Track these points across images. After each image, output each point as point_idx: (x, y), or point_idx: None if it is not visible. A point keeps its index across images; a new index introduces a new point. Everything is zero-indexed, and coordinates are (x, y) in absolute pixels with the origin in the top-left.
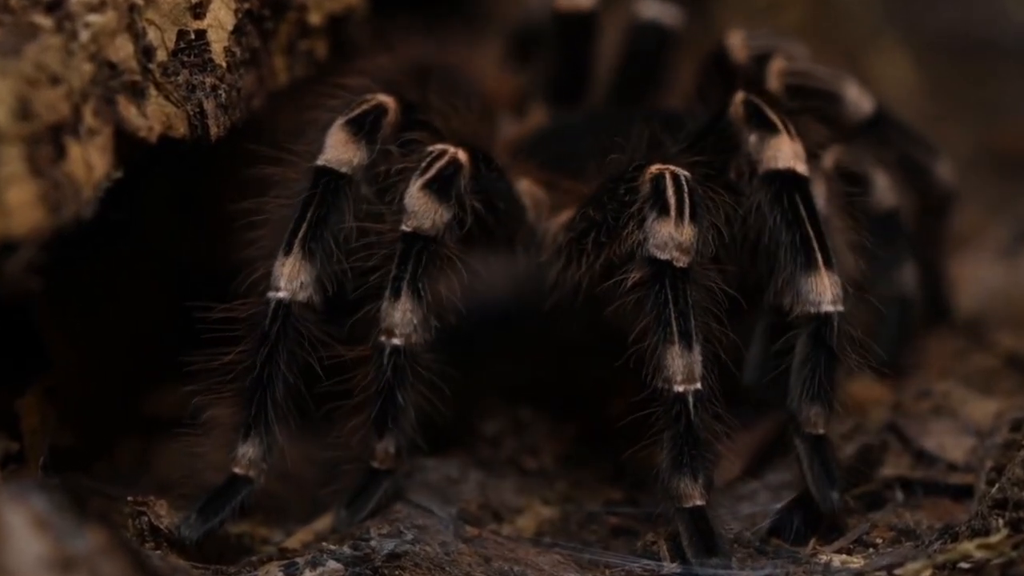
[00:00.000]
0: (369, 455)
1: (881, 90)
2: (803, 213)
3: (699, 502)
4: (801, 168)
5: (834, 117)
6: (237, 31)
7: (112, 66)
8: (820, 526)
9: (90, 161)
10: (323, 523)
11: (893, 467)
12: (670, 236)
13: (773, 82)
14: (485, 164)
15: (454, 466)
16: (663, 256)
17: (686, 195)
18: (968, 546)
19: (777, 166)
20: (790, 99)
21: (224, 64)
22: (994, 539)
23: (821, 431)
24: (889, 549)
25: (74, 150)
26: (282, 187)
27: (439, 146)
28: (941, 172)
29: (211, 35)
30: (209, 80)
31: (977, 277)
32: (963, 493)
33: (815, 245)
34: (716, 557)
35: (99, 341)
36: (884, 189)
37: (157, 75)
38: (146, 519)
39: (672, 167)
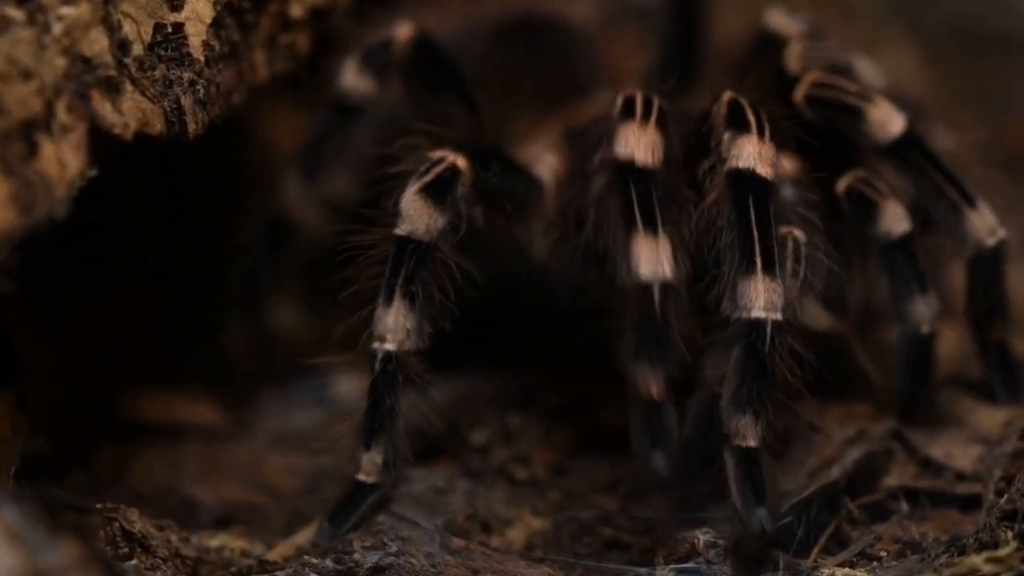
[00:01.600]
0: (355, 467)
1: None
2: (752, 215)
3: (753, 443)
4: (762, 170)
5: (856, 135)
6: (216, 24)
7: (86, 60)
8: (823, 535)
9: (63, 159)
10: (305, 536)
11: (898, 476)
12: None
13: (800, 92)
14: (492, 163)
15: (441, 476)
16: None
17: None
18: (976, 560)
19: (738, 165)
20: (813, 111)
21: (202, 58)
22: (1003, 552)
23: (751, 444)
24: (894, 562)
25: (47, 147)
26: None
27: (438, 152)
28: (973, 221)
29: (189, 28)
30: (187, 75)
31: None
32: (971, 504)
33: (756, 248)
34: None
35: (74, 345)
36: (896, 217)
37: (133, 70)
38: (118, 525)
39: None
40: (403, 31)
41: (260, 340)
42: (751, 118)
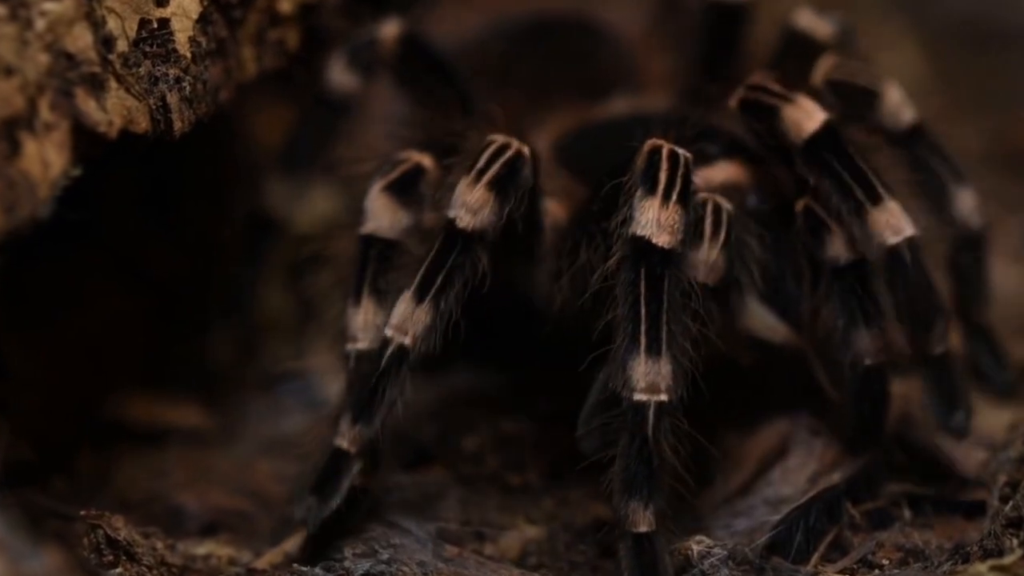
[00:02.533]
0: (337, 434)
1: None
2: (641, 289)
3: (644, 529)
4: (660, 240)
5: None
6: (203, 20)
7: (70, 57)
8: (824, 542)
9: (46, 158)
10: (293, 543)
11: (901, 482)
12: None
13: (819, 78)
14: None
15: (433, 482)
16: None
17: None
18: (980, 568)
19: (635, 231)
20: (833, 96)
21: (189, 55)
22: (1008, 560)
23: (642, 529)
24: (896, 571)
25: (29, 146)
26: None
27: (405, 152)
28: (961, 204)
29: (175, 24)
30: (173, 72)
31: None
32: (975, 510)
33: (642, 327)
34: None
35: (57, 348)
36: (845, 243)
37: (118, 66)
38: (102, 532)
39: None
40: (390, 29)
41: (245, 343)
42: (662, 176)
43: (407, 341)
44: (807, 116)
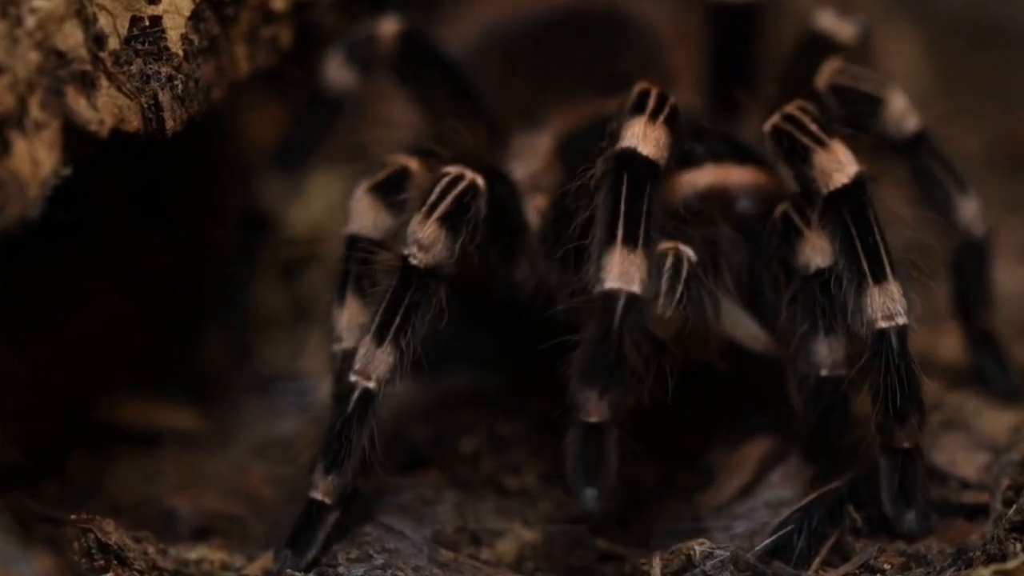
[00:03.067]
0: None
1: None
2: (623, 189)
3: (596, 419)
4: (645, 150)
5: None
6: (195, 17)
7: (60, 55)
8: (825, 546)
9: (36, 157)
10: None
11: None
12: None
13: (822, 81)
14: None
15: (429, 485)
16: None
17: None
18: (983, 572)
19: (620, 145)
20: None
21: (181, 53)
22: (1011, 565)
23: (593, 419)
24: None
25: (19, 145)
26: None
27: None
28: (964, 212)
29: (167, 21)
30: (165, 70)
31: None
32: (977, 514)
33: (620, 221)
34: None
35: (47, 350)
36: (817, 250)
37: (109, 64)
38: (93, 536)
39: None
40: (389, 26)
41: (239, 343)
42: (651, 103)
43: (372, 385)
44: (839, 168)
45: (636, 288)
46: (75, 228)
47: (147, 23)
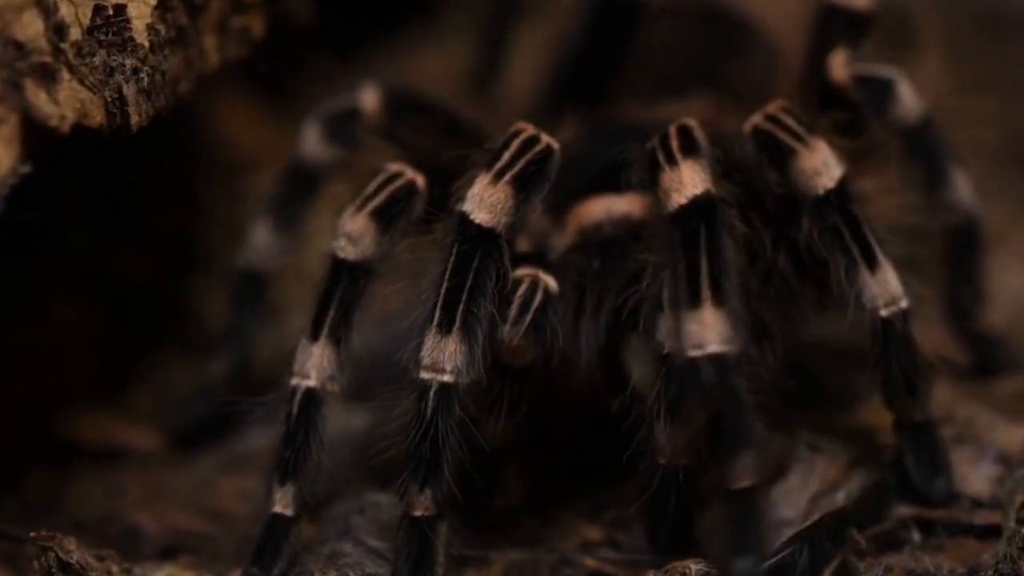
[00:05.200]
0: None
1: None
2: (450, 263)
3: (419, 512)
4: (478, 217)
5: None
6: (161, 6)
7: (19, 46)
8: (829, 568)
9: None
10: None
11: (909, 504)
12: None
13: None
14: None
15: None
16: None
17: None
18: None
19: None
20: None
21: (147, 44)
22: None
23: (416, 512)
24: None
25: None
26: None
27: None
28: (959, 186)
29: (132, 11)
30: (129, 62)
31: (1005, 285)
32: (989, 533)
33: (440, 301)
34: None
35: (5, 359)
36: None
37: (70, 56)
38: (54, 555)
39: None
40: (369, 98)
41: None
42: (506, 155)
43: (313, 384)
44: (824, 169)
45: (448, 378)
46: (34, 230)
47: (111, 12)
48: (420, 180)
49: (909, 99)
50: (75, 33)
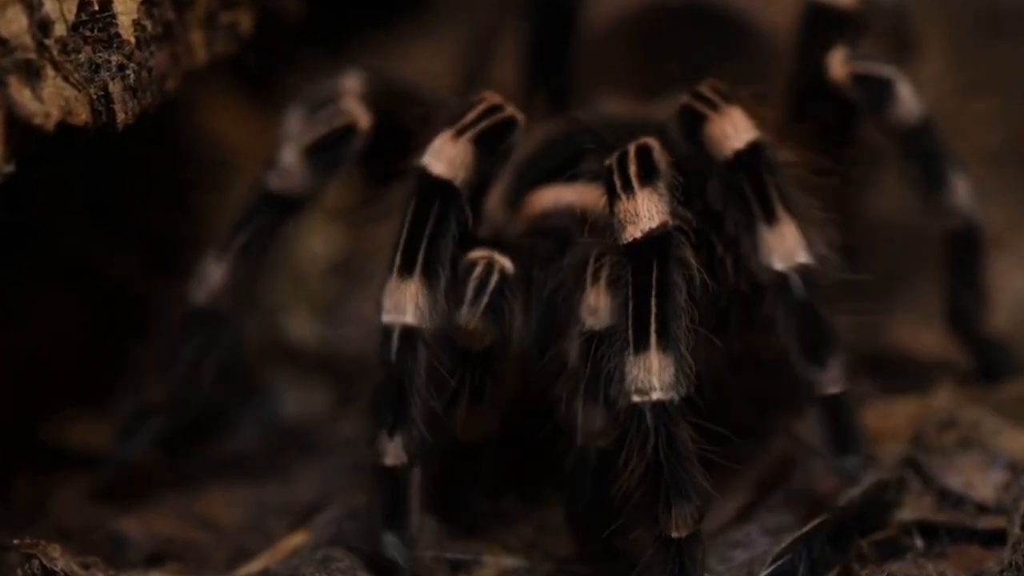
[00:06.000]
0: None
1: None
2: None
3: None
4: (437, 169)
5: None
6: (148, 2)
7: (2, 42)
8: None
9: None
10: (249, 571)
11: (912, 509)
12: None
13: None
14: None
15: None
16: None
17: None
18: None
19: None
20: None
21: (133, 40)
22: None
23: (387, 461)
24: None
25: None
26: None
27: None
28: (959, 189)
29: (118, 6)
30: (115, 58)
31: (1009, 287)
32: (994, 539)
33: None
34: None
35: None
36: (591, 310)
37: (55, 52)
38: (38, 562)
39: None
40: (352, 84)
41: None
42: (471, 115)
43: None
44: (733, 133)
45: (410, 319)
46: (19, 230)
47: (96, 8)
48: (364, 121)
49: (908, 99)
50: (60, 29)
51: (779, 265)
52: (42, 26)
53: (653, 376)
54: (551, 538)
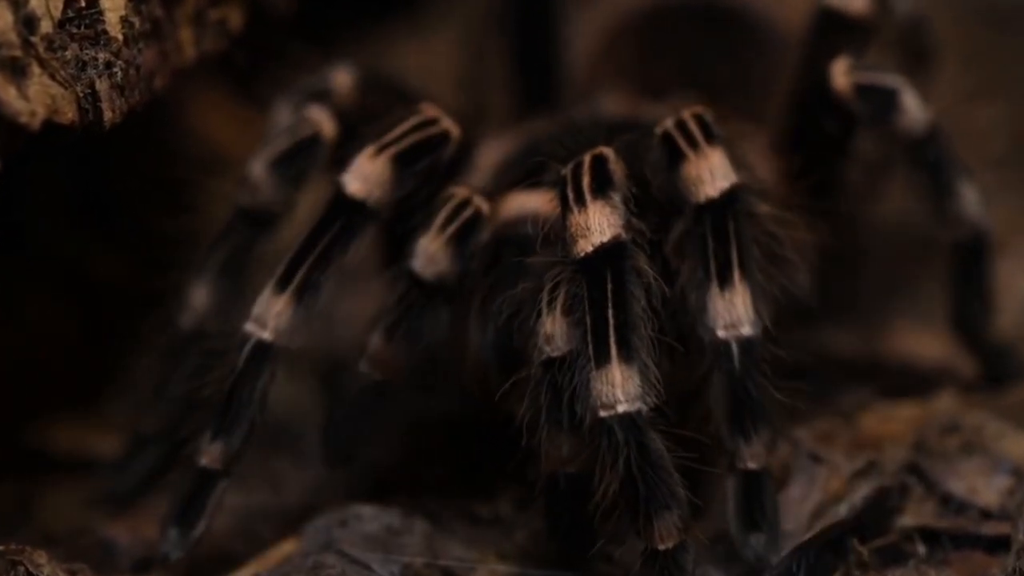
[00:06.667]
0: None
1: None
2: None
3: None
4: (353, 187)
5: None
6: None
7: None
8: None
9: None
10: None
11: (914, 515)
12: None
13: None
14: None
15: (396, 514)
16: None
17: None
18: None
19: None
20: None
21: (120, 37)
22: None
23: (203, 462)
24: None
25: None
26: None
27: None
28: (966, 198)
29: (105, 3)
30: (102, 56)
31: (1013, 289)
32: (998, 545)
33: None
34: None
35: None
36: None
37: (41, 50)
38: (24, 569)
39: None
40: (342, 79)
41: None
42: (395, 132)
43: (267, 336)
44: (708, 178)
45: (267, 335)
46: (6, 230)
47: (83, 4)
48: (328, 129)
49: (914, 109)
50: (46, 26)
51: (721, 333)
52: (28, 23)
53: (617, 388)
54: (546, 544)
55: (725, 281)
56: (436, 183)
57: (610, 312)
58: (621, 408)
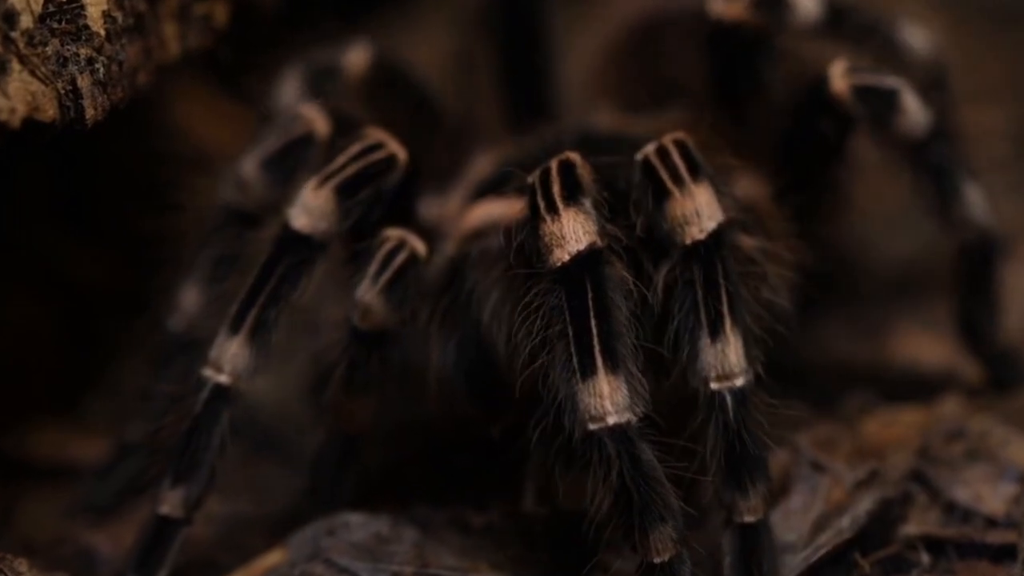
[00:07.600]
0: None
1: None
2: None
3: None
4: (298, 223)
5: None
6: None
7: None
8: None
9: None
10: None
11: (918, 523)
12: None
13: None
14: None
15: (385, 522)
16: None
17: None
18: None
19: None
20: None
21: (102, 32)
22: None
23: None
24: None
25: None
26: None
27: None
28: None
29: None
30: (84, 51)
31: (1017, 290)
32: (1004, 554)
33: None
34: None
35: None
36: None
37: (21, 46)
38: None
39: None
40: (357, 57)
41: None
42: (338, 161)
43: (224, 379)
44: (695, 219)
45: (224, 379)
46: None
47: None
48: (321, 125)
49: (915, 110)
50: (26, 21)
51: (714, 385)
52: (7, 18)
53: (605, 400)
54: (539, 554)
55: (716, 332)
56: (385, 207)
57: (592, 322)
58: (611, 420)
